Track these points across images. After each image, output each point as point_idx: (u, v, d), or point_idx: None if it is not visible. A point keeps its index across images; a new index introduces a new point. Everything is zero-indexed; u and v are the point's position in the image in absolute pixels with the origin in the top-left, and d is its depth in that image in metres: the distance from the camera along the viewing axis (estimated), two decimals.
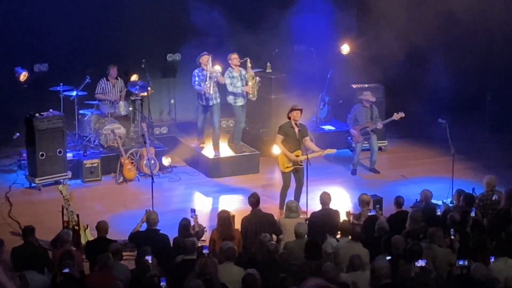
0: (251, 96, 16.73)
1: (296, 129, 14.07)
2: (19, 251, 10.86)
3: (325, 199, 12.57)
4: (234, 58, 16.60)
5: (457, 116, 17.81)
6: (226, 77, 16.63)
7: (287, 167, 14.14)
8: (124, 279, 10.01)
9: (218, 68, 16.77)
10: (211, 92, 16.39)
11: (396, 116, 16.42)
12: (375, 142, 16.80)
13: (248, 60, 16.63)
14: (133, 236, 11.89)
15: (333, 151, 14.60)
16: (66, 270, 9.96)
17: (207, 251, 10.36)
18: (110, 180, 16.26)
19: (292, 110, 14.12)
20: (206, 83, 16.33)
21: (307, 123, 15.89)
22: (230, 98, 16.72)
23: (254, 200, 12.38)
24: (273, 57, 18.37)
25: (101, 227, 11.65)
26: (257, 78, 16.77)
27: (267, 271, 9.98)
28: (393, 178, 16.48)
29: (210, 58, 16.36)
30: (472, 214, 12.16)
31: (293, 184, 14.28)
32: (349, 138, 17.68)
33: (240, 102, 16.74)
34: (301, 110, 14.14)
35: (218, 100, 16.64)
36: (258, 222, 12.00)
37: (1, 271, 2.11)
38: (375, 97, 16.93)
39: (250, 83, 16.65)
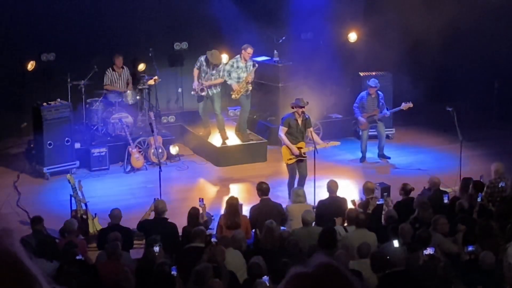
0: (233, 94, 16.63)
1: (300, 120, 14.06)
2: (28, 241, 10.90)
3: (332, 187, 12.59)
4: (249, 53, 16.51)
5: (464, 103, 17.77)
6: (229, 64, 16.60)
7: (290, 159, 14.14)
8: (130, 267, 10.06)
9: (224, 56, 16.77)
10: (198, 90, 16.41)
11: (404, 106, 16.39)
12: (382, 128, 16.77)
13: (257, 67, 16.56)
14: (141, 225, 11.93)
15: (337, 143, 14.61)
16: (80, 257, 10.01)
17: (215, 240, 10.40)
18: (117, 169, 16.28)
19: (296, 105, 14.06)
20: (206, 77, 16.33)
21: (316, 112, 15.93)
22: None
23: (265, 187, 12.40)
24: (280, 45, 18.34)
25: (115, 215, 11.70)
26: (250, 87, 16.64)
27: (275, 258, 10.01)
28: (401, 166, 16.47)
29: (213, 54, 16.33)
30: (479, 199, 12.18)
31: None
32: (357, 128, 17.67)
33: (232, 91, 16.71)
34: (304, 106, 14.09)
35: (218, 90, 16.61)
36: (268, 211, 12.01)
37: (24, 254, 2.12)
38: (379, 83, 16.86)
39: (241, 85, 16.54)
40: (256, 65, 16.66)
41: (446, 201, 12.48)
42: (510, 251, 10.09)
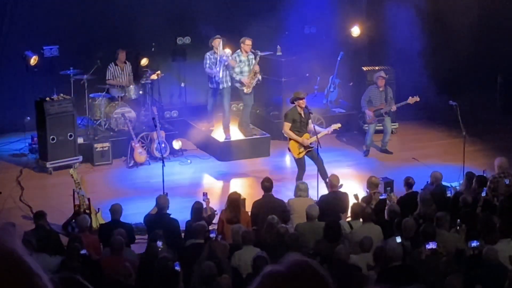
0: (245, 88, 16.63)
1: (302, 113, 14.07)
2: (31, 235, 10.90)
3: (333, 181, 12.58)
4: (248, 44, 16.49)
5: (468, 98, 17.74)
6: (232, 60, 16.58)
7: (300, 153, 14.14)
8: (132, 263, 10.06)
9: (228, 51, 16.75)
10: (221, 75, 16.34)
11: (411, 100, 16.35)
12: (389, 123, 16.75)
13: (259, 55, 16.55)
14: (144, 219, 11.94)
15: (338, 125, 14.56)
16: (84, 252, 10.02)
17: (214, 235, 10.38)
18: (120, 164, 16.27)
19: (296, 98, 14.07)
20: (217, 66, 16.29)
21: (317, 105, 15.90)
22: (237, 83, 16.68)
23: (267, 185, 12.39)
24: (283, 39, 18.31)
25: (115, 210, 11.70)
26: (259, 76, 16.65)
27: (276, 253, 9.99)
28: (405, 161, 16.44)
29: (221, 41, 16.30)
30: (483, 194, 12.16)
31: (313, 168, 14.18)
32: (360, 122, 17.68)
33: (242, 86, 16.69)
34: (305, 97, 14.12)
35: (229, 84, 16.60)
36: (270, 207, 12.02)
37: (25, 252, 2.09)
38: (387, 75, 16.86)
39: (250, 77, 16.53)
40: (259, 53, 16.61)
41: (449, 194, 12.46)
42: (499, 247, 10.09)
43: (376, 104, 16.64)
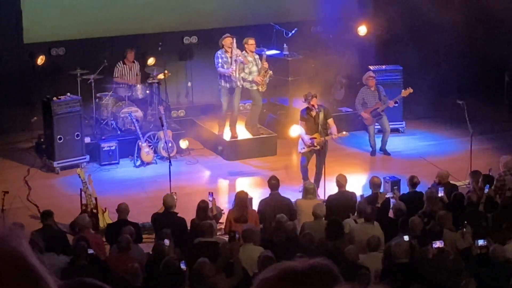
0: (259, 87, 16.62)
1: (314, 113, 14.05)
2: (38, 235, 10.92)
3: (341, 181, 12.58)
4: (251, 44, 16.46)
5: (475, 96, 17.71)
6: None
7: (303, 148, 14.17)
8: (139, 261, 10.09)
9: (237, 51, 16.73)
10: (237, 75, 16.24)
11: (404, 92, 16.42)
12: (386, 122, 16.71)
13: (265, 51, 16.53)
14: (152, 218, 11.97)
15: (346, 134, 14.59)
16: (91, 251, 10.05)
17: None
18: (127, 163, 16.28)
19: (307, 98, 14.04)
20: (232, 66, 16.17)
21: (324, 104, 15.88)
22: (246, 83, 16.66)
23: (274, 183, 12.41)
24: (289, 38, 18.29)
25: (122, 210, 11.72)
26: (270, 72, 16.62)
27: (285, 252, 10.01)
28: (411, 159, 16.42)
29: (234, 41, 16.22)
30: (486, 191, 12.17)
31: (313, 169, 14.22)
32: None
33: (256, 85, 16.67)
34: (316, 96, 14.11)
35: (242, 82, 16.57)
36: (276, 205, 12.04)
37: (33, 255, 2.08)
38: (390, 76, 16.86)
39: (261, 75, 16.51)
40: (265, 50, 16.59)
41: (441, 194, 12.29)
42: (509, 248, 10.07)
43: (371, 105, 16.64)
